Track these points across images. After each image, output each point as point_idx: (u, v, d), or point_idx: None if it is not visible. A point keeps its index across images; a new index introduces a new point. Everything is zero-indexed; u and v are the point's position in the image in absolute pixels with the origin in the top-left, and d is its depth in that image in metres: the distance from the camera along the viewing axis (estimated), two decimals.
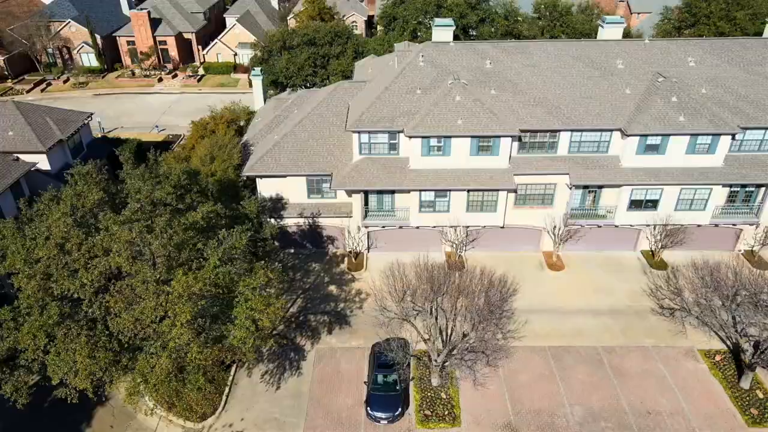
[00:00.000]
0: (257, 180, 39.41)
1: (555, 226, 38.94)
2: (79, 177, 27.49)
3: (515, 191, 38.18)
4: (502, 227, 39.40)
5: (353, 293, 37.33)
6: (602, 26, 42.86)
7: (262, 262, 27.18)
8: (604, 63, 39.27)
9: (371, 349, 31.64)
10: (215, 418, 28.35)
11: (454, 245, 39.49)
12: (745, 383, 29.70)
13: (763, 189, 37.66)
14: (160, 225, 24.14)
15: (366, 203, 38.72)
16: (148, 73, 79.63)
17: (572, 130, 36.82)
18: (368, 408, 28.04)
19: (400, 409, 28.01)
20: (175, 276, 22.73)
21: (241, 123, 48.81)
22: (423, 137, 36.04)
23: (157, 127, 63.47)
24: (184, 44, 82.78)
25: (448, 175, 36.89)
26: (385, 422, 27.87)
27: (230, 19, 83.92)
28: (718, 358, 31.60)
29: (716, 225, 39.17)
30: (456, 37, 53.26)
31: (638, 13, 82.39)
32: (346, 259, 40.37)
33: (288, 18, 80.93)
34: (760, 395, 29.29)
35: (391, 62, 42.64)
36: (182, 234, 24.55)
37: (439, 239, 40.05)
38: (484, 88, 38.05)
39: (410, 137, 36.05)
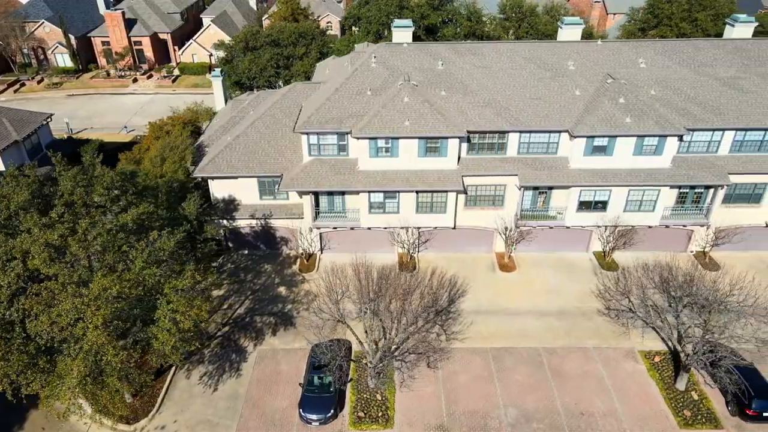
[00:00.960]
0: (209, 181, 39.40)
1: (507, 228, 39.00)
2: (11, 178, 27.43)
3: (465, 192, 38.23)
4: (454, 228, 39.44)
5: (302, 294, 37.32)
6: (561, 27, 42.97)
7: (194, 264, 27.02)
8: (556, 64, 39.33)
9: (311, 350, 31.63)
10: (147, 420, 28.32)
11: (406, 246, 39.49)
12: (681, 384, 29.76)
13: (711, 190, 37.73)
14: (83, 227, 24.09)
15: (317, 204, 38.72)
16: (122, 74, 79.57)
17: (521, 132, 36.85)
18: (300, 410, 28.03)
19: (332, 411, 28.00)
20: (94, 278, 22.71)
21: (202, 124, 48.76)
22: (370, 138, 36.05)
23: (125, 127, 63.36)
24: (159, 45, 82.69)
25: (396, 176, 36.90)
26: (317, 424, 27.87)
27: (206, 20, 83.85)
28: (657, 359, 31.66)
29: (667, 226, 39.25)
30: (418, 38, 53.45)
31: (614, 14, 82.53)
32: (298, 260, 40.37)
33: (263, 18, 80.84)
34: (695, 396, 29.34)
35: (346, 63, 42.63)
36: (106, 236, 24.50)
37: (391, 240, 40.07)
38: (435, 89, 38.08)
39: (357, 138, 36.07)
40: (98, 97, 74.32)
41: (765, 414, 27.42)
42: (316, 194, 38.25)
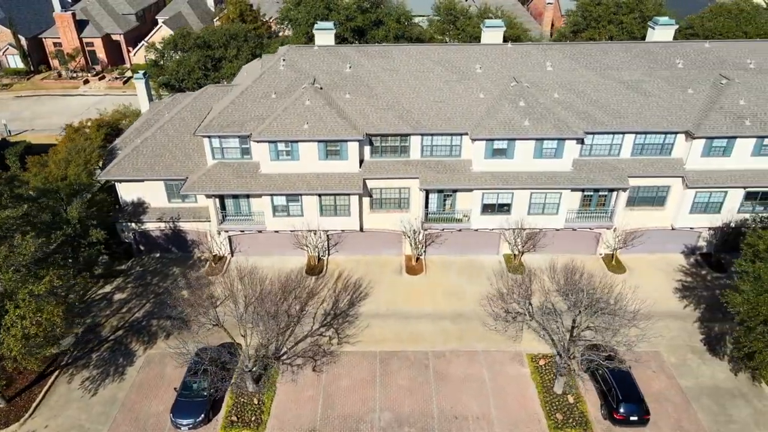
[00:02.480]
0: (117, 184, 39.30)
1: (414, 231, 39.01)
2: None
3: (369, 195, 38.24)
4: (361, 231, 39.43)
5: (204, 298, 37.07)
6: (484, 29, 43.02)
7: (53, 269, 26.74)
8: (464, 67, 39.38)
9: (195, 354, 31.49)
10: (18, 425, 28.20)
11: (313, 249, 39.46)
12: (558, 388, 29.81)
13: (615, 193, 37.80)
14: None
15: (223, 207, 38.65)
16: (74, 75, 79.23)
17: (422, 135, 36.87)
18: (171, 414, 27.96)
19: (203, 416, 27.92)
20: None
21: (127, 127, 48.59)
22: (270, 142, 36.00)
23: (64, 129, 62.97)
24: (112, 46, 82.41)
25: (297, 179, 36.87)
26: (187, 429, 27.79)
27: (161, 20, 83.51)
28: (542, 362, 31.72)
29: (574, 229, 39.33)
30: (345, 40, 53.43)
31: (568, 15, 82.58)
32: (207, 263, 40.29)
33: (214, 20, 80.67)
34: (571, 400, 29.41)
35: (260, 66, 42.58)
36: None
37: (302, 243, 40.00)
38: (340, 92, 38.05)
39: (257, 142, 36.02)
40: (47, 99, 74.01)
41: (632, 418, 27.50)
42: (222, 197, 38.18)
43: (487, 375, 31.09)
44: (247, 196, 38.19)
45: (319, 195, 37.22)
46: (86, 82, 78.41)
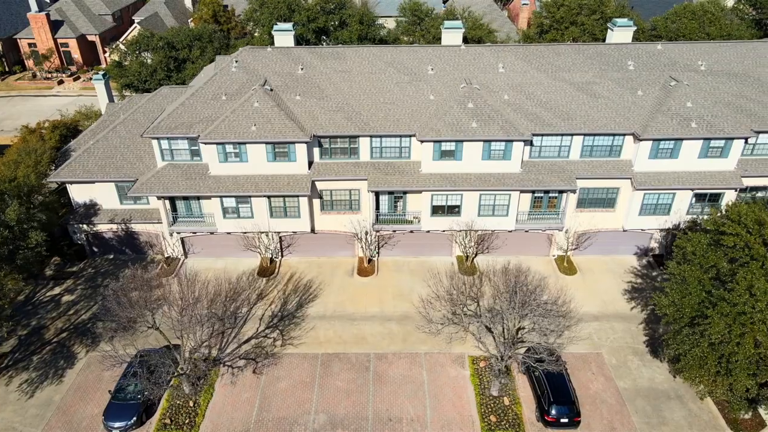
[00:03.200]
0: (68, 186, 39.22)
1: (366, 232, 39.00)
2: None
3: (320, 197, 38.23)
4: (313, 232, 39.41)
5: (153, 299, 37.05)
6: (443, 31, 43.06)
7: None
8: (416, 69, 39.40)
9: (134, 357, 31.44)
10: None
11: (265, 251, 39.42)
12: (495, 390, 29.82)
13: (565, 195, 37.82)
14: None
15: (174, 209, 38.58)
16: (48, 76, 79.04)
17: (370, 136, 36.86)
18: (103, 417, 27.91)
19: (135, 418, 27.86)
20: None
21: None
22: (217, 143, 35.95)
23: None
24: (87, 46, 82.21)
25: (246, 181, 36.83)
26: (119, 431, 27.75)
27: (137, 21, 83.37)
28: (482, 364, 31.72)
29: (527, 231, 39.34)
30: (307, 41, 53.40)
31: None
32: (159, 265, 40.24)
33: (189, 20, 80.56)
34: (507, 402, 29.42)
35: (214, 67, 42.56)
36: None
37: (253, 245, 39.94)
38: (290, 94, 38.05)
39: (205, 143, 35.97)
40: (19, 99, 73.81)
41: (563, 420, 27.51)
42: (173, 199, 38.12)
43: (427, 377, 31.08)
44: (198, 198, 38.15)
45: (268, 197, 37.18)
46: (60, 82, 78.20)
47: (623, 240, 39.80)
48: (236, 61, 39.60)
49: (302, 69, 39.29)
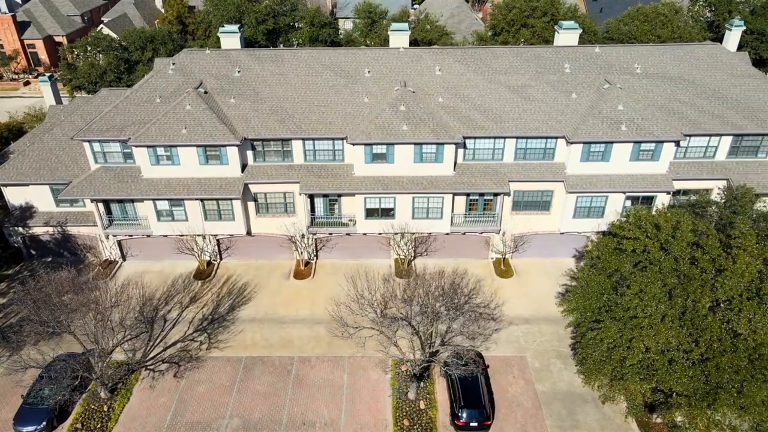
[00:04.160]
0: (3, 188, 39.05)
1: (303, 235, 38.93)
2: None
3: (255, 200, 38.14)
4: (250, 235, 39.31)
5: (85, 302, 36.93)
6: (390, 33, 43.03)
7: None
8: (354, 71, 39.36)
9: (52, 361, 31.30)
10: None
11: (200, 253, 39.28)
12: (412, 394, 29.77)
13: (499, 198, 37.80)
14: None
15: (109, 212, 38.44)
16: (14, 77, 78.78)
17: (303, 139, 36.79)
18: (13, 421, 27.79)
19: (45, 423, 27.72)
20: None
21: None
22: (148, 146, 35.83)
23: None
24: (55, 47, 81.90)
25: (178, 183, 36.72)
26: None
27: (105, 21, 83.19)
28: (403, 368, 31.64)
29: (464, 233, 39.32)
30: (257, 43, 53.28)
31: None
32: (96, 268, 40.09)
33: (155, 21, 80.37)
34: (422, 406, 29.37)
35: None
36: None
37: (188, 248, 39.79)
38: (225, 97, 37.96)
39: (135, 146, 35.85)
40: None
41: (472, 424, 27.48)
42: (107, 201, 37.98)
43: (347, 380, 31.03)
44: (132, 201, 38.02)
45: (202, 200, 37.07)
46: (27, 83, 77.97)
47: (561, 242, 39.79)
48: (173, 64, 39.51)
49: (239, 72, 39.21)
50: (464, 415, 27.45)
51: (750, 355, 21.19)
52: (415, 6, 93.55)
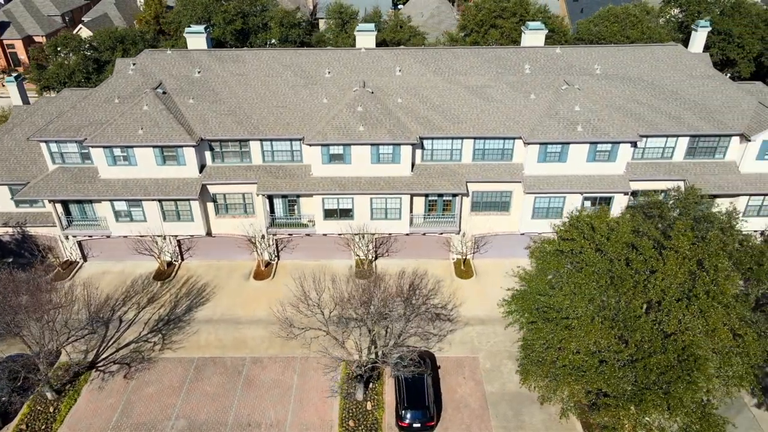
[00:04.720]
0: None
1: (263, 236, 38.91)
2: None
3: (214, 201, 38.10)
4: (211, 236, 39.27)
5: (41, 303, 36.85)
6: (356, 33, 42.94)
7: None
8: (313, 72, 39.33)
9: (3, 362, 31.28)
10: None
11: (160, 254, 39.22)
12: (359, 395, 29.76)
13: (458, 198, 37.80)
14: None
15: (68, 212, 38.37)
16: None
17: (261, 140, 36.75)
18: None
19: None
20: None
21: None
22: (104, 147, 35.78)
23: None
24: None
25: (135, 184, 36.67)
26: None
27: (85, 21, 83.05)
28: (351, 369, 31.56)
29: (424, 234, 39.32)
30: (225, 44, 53.22)
31: None
32: (55, 268, 40.02)
33: (134, 21, 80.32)
34: (369, 407, 29.36)
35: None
36: None
37: (147, 249, 39.72)
38: (184, 97, 37.91)
39: (91, 147, 35.80)
40: None
41: (415, 425, 27.48)
42: (66, 202, 37.91)
43: (297, 381, 31.03)
44: (90, 201, 37.96)
45: (159, 200, 37.01)
46: (4, 85, 77.76)
47: (521, 243, 39.68)
48: (134, 64, 39.44)
49: (199, 72, 39.17)
50: (408, 415, 27.45)
51: (679, 356, 21.23)
52: (400, 6, 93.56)
